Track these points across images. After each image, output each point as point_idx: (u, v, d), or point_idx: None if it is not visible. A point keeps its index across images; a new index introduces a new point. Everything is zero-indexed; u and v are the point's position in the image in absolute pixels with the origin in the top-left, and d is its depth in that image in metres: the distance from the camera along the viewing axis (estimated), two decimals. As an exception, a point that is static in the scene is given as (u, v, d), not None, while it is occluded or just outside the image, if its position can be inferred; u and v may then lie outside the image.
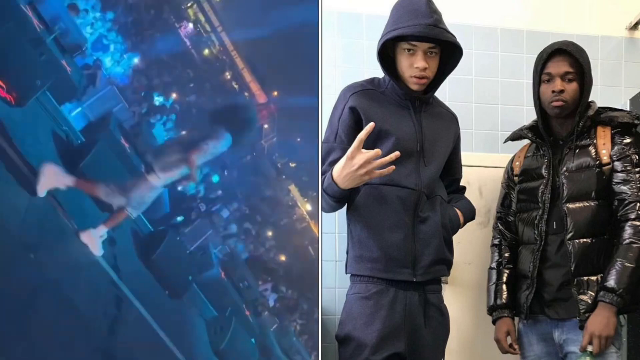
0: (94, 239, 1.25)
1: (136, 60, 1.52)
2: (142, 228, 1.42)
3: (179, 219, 1.51)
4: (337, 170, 1.71)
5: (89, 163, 1.29)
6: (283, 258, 1.58)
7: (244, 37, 1.65)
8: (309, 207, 1.63)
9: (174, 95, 1.60)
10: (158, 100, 1.56)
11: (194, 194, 1.55)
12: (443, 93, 2.10)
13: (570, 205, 1.94)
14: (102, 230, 1.28)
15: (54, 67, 1.31)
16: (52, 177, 1.28)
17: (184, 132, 1.57)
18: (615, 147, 1.95)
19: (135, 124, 1.52)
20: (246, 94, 1.66)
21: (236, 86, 1.66)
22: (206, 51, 1.62)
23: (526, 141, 2.18)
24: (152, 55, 1.55)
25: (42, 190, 1.25)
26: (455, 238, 1.94)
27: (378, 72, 1.92)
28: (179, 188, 1.51)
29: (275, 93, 1.68)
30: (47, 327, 1.07)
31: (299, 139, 1.66)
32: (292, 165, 1.65)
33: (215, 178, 1.60)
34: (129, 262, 1.33)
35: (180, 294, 1.40)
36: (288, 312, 1.58)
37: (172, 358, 1.29)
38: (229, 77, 1.65)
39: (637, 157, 1.93)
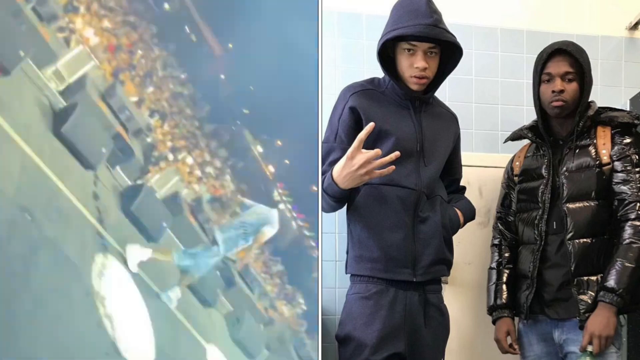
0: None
1: (105, 20, 1.61)
2: (121, 182, 1.56)
3: (151, 169, 1.67)
4: (337, 170, 1.71)
5: (70, 127, 1.40)
6: (240, 197, 1.72)
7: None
8: (260, 149, 1.76)
9: (139, 52, 1.71)
10: (125, 57, 1.67)
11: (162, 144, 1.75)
12: (443, 93, 2.10)
13: (570, 205, 1.94)
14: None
15: (33, 35, 1.41)
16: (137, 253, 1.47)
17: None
18: (615, 147, 1.95)
19: (109, 85, 1.62)
20: (205, 46, 1.79)
21: (195, 39, 1.77)
22: (166, 5, 1.73)
23: (526, 141, 2.19)
24: (119, 13, 1.65)
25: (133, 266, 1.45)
26: (455, 238, 1.94)
27: (378, 72, 1.92)
28: (148, 140, 1.67)
29: (231, 45, 1.79)
30: (47, 279, 1.22)
31: (251, 87, 1.79)
32: (246, 112, 1.75)
33: (180, 129, 1.78)
34: (112, 215, 1.48)
35: (157, 239, 1.57)
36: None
37: (152, 293, 1.47)
38: (188, 30, 1.76)
39: (637, 157, 1.93)
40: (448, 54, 1.86)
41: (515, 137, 2.20)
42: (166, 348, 1.46)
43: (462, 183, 2.10)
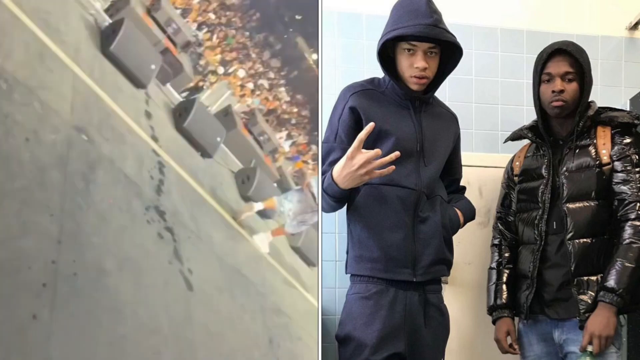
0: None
1: None
2: (172, 99, 1.56)
3: (202, 84, 1.66)
4: (337, 170, 1.71)
5: (117, 45, 1.41)
6: (295, 109, 1.71)
7: None
8: (315, 56, 1.71)
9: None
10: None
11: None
12: (443, 93, 2.10)
13: (570, 205, 1.94)
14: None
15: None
16: None
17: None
18: (615, 147, 1.95)
19: None
20: None
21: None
22: None
23: (526, 141, 2.19)
24: None
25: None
26: (455, 238, 1.94)
27: (378, 72, 1.92)
28: (199, 50, 1.61)
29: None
30: (107, 195, 1.29)
31: None
32: (298, 17, 1.69)
33: (230, 40, 1.69)
34: (165, 132, 1.52)
35: (211, 153, 1.58)
36: (301, 154, 1.71)
37: (208, 206, 1.52)
38: None
39: (637, 157, 1.93)
40: (448, 54, 1.86)
41: (515, 137, 2.20)
42: (227, 258, 1.51)
43: (462, 183, 2.10)
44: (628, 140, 1.95)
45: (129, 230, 1.30)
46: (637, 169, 1.92)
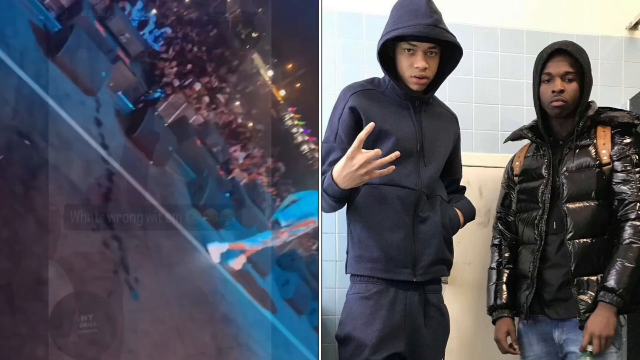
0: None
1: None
2: (124, 107, 1.54)
3: (156, 95, 1.63)
4: (337, 170, 1.71)
5: (67, 50, 1.38)
6: (250, 123, 1.72)
7: None
8: (270, 72, 1.72)
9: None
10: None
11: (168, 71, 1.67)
12: (443, 93, 2.11)
13: (570, 205, 1.94)
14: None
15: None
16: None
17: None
18: (615, 147, 1.95)
19: (106, 7, 1.57)
20: None
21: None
22: None
23: (526, 141, 2.19)
24: None
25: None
26: (455, 238, 1.94)
27: (378, 72, 1.92)
28: (151, 65, 1.61)
29: (237, -37, 1.76)
30: (49, 202, 1.25)
31: (260, 9, 1.73)
32: (255, 35, 1.70)
33: (186, 54, 1.70)
34: (116, 139, 1.48)
35: (163, 163, 1.56)
36: (255, 167, 1.71)
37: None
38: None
39: (637, 157, 1.93)
40: (448, 54, 1.86)
41: (515, 137, 2.20)
42: (177, 267, 1.50)
43: (462, 183, 2.10)
44: (628, 140, 1.95)
45: (72, 238, 1.27)
46: (637, 169, 1.92)
